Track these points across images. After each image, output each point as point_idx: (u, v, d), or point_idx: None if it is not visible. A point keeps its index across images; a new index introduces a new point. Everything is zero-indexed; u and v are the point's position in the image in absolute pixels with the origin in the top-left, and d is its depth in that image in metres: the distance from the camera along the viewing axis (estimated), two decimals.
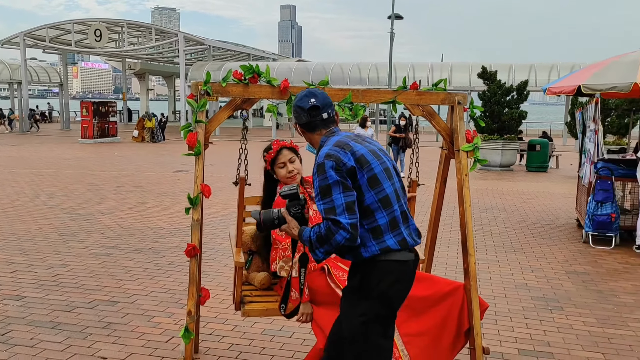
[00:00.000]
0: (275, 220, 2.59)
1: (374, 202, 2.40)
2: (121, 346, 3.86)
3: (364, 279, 2.42)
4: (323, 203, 2.34)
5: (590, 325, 4.46)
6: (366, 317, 2.40)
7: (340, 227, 2.28)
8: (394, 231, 2.43)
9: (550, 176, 14.91)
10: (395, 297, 2.45)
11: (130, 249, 6.44)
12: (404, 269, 2.44)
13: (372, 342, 2.42)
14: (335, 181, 2.33)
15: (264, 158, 3.29)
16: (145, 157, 17.57)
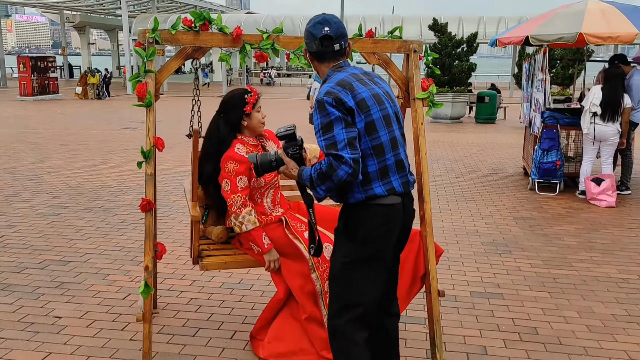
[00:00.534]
0: (272, 163, 2.54)
1: (367, 149, 2.37)
2: (76, 305, 3.79)
3: (347, 223, 2.43)
4: (324, 139, 2.29)
5: (537, 267, 4.68)
6: (349, 258, 2.42)
7: (343, 162, 2.24)
8: (384, 179, 2.40)
9: (498, 127, 15.29)
10: (379, 239, 2.42)
11: (79, 208, 6.25)
12: (388, 211, 2.41)
13: (355, 282, 2.42)
14: (338, 117, 2.28)
15: (246, 100, 3.15)
16: (90, 115, 16.90)
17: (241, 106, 3.15)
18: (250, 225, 3.05)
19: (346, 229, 2.43)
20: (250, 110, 3.16)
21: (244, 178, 3.08)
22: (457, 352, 3.26)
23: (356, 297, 2.43)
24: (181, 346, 3.27)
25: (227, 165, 3.06)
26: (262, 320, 3.21)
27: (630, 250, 5.10)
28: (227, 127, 3.19)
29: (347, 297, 2.44)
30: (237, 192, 3.06)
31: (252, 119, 3.18)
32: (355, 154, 2.27)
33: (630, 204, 6.82)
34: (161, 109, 17.79)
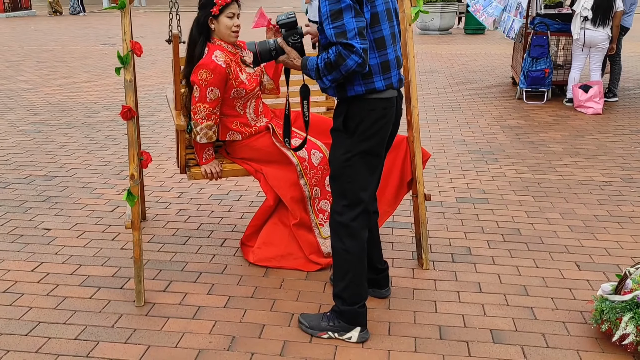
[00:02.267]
0: (272, 52, 2.44)
1: (370, 41, 2.32)
2: (65, 217, 3.79)
3: (347, 118, 2.40)
4: (333, 27, 2.20)
5: (522, 172, 4.73)
6: (350, 154, 2.40)
7: (353, 52, 2.18)
8: (385, 74, 2.38)
9: (487, 38, 14.96)
10: (377, 133, 2.42)
11: (61, 125, 6.13)
12: (386, 105, 2.41)
13: (356, 177, 2.43)
14: (348, 5, 2.19)
15: (213, 1, 2.94)
16: (66, 31, 16.23)
17: (209, 5, 2.95)
18: (205, 140, 3.04)
19: (345, 124, 2.41)
20: (216, 12, 2.95)
21: (215, 90, 2.97)
22: (442, 254, 3.34)
23: (358, 193, 2.44)
24: (172, 254, 3.32)
25: (200, 73, 2.94)
26: (252, 227, 3.24)
27: (615, 155, 5.16)
28: (197, 27, 3.03)
29: (350, 194, 2.44)
30: (205, 103, 2.98)
31: (220, 23, 2.98)
32: (365, 43, 2.21)
33: (617, 110, 6.82)
34: (140, 25, 17.15)
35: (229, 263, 3.23)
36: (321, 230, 3.14)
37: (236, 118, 3.15)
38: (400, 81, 2.51)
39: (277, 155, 3.13)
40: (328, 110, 3.82)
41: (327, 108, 3.83)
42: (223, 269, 3.16)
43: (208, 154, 3.14)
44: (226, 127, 3.15)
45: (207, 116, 3.00)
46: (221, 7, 2.95)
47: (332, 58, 2.22)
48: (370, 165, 2.45)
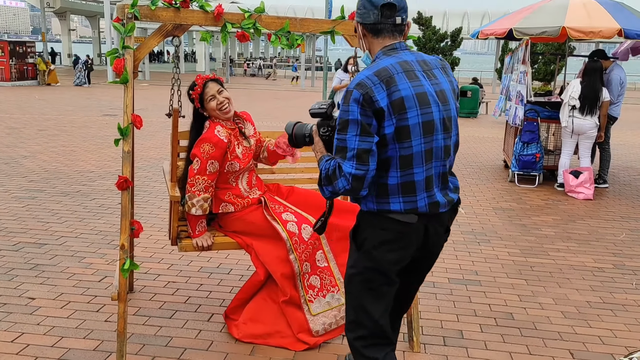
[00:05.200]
0: (306, 138, 2.29)
1: (394, 158, 2.00)
2: (50, 287, 3.72)
3: (357, 229, 2.15)
4: (337, 138, 2.00)
5: (514, 255, 4.72)
6: (355, 270, 2.15)
7: (342, 175, 1.97)
8: (406, 195, 2.03)
9: (480, 121, 15.39)
10: (387, 257, 2.07)
11: (56, 192, 6.15)
12: (403, 229, 2.05)
13: (359, 298, 2.16)
14: (355, 120, 1.93)
15: (191, 97, 3.18)
16: (70, 101, 16.63)
17: (193, 101, 3.19)
18: (200, 212, 3.07)
19: (354, 235, 2.16)
20: (198, 105, 3.18)
21: (215, 163, 3.05)
22: (434, 336, 3.27)
23: (361, 315, 2.16)
24: (157, 328, 3.24)
25: (203, 146, 3.03)
26: (238, 300, 3.19)
27: (606, 241, 5.18)
28: (194, 116, 3.24)
29: (355, 313, 2.18)
30: (204, 175, 3.04)
31: (208, 110, 3.16)
32: (361, 169, 1.94)
33: (608, 196, 6.92)
34: (143, 97, 17.61)
35: (215, 339, 3.14)
36: (310, 307, 3.09)
37: (229, 190, 3.19)
38: (436, 205, 2.08)
39: (268, 230, 3.13)
40: None
41: None
42: (209, 345, 3.07)
43: (201, 226, 3.14)
44: (219, 199, 3.18)
45: (205, 188, 3.04)
46: (199, 99, 3.15)
47: (330, 171, 2.01)
48: (373, 289, 2.13)
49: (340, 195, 2.10)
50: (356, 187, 1.97)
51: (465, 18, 27.22)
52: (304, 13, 28.86)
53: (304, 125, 2.30)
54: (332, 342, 3.12)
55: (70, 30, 43.14)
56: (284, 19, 3.09)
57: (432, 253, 2.21)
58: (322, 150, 2.19)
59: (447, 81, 2.11)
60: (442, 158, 2.08)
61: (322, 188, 2.08)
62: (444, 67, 2.16)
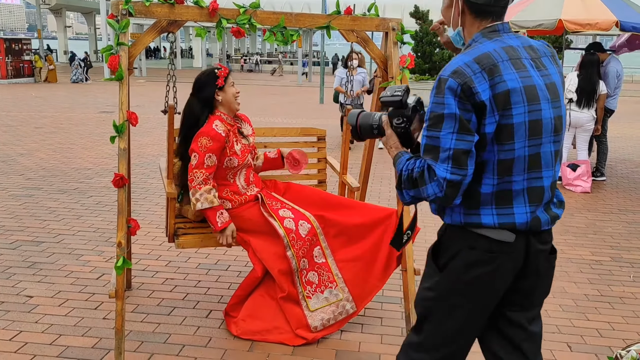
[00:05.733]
0: (374, 130, 1.94)
1: (490, 162, 1.68)
2: (48, 284, 3.72)
3: (439, 246, 1.83)
4: (427, 135, 1.69)
5: None
6: (433, 293, 1.81)
7: (434, 179, 1.66)
8: (501, 207, 1.71)
9: None
10: (477, 283, 1.73)
11: (53, 190, 6.13)
12: (496, 248, 1.71)
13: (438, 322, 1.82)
14: (452, 114, 1.63)
15: (216, 75, 3.12)
16: (66, 98, 16.58)
17: (213, 80, 3.12)
18: (206, 204, 3.02)
19: (435, 254, 1.84)
20: (222, 84, 3.13)
21: (213, 156, 3.04)
22: None
23: (437, 340, 1.83)
24: (155, 325, 3.24)
25: (201, 140, 3.02)
26: (237, 298, 3.19)
27: (604, 234, 5.19)
28: (200, 104, 3.15)
29: (426, 336, 1.85)
30: (202, 169, 3.02)
31: (226, 92, 3.15)
32: (457, 174, 1.64)
33: (605, 189, 6.92)
34: (139, 93, 17.56)
35: (213, 335, 3.14)
36: (308, 303, 3.09)
37: (227, 186, 3.18)
38: (537, 221, 1.73)
39: (265, 226, 3.13)
40: (320, 183, 3.86)
41: (318, 181, 3.87)
42: (207, 341, 3.07)
43: (222, 217, 3.06)
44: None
45: (204, 181, 3.03)
46: (225, 77, 3.12)
47: (415, 173, 1.71)
48: (459, 317, 1.79)
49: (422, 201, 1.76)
50: (450, 195, 1.65)
51: None
52: (300, 7, 28.73)
53: (370, 115, 1.97)
54: (330, 338, 3.13)
55: (66, 27, 42.97)
56: (280, 14, 3.08)
57: (539, 278, 1.81)
58: (397, 145, 1.85)
59: (557, 72, 1.78)
60: (549, 166, 1.74)
61: (401, 192, 1.77)
62: (553, 55, 1.82)
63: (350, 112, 2.02)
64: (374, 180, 6.93)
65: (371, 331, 3.24)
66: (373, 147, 3.80)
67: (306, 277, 3.09)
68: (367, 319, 3.37)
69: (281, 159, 3.46)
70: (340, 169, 3.77)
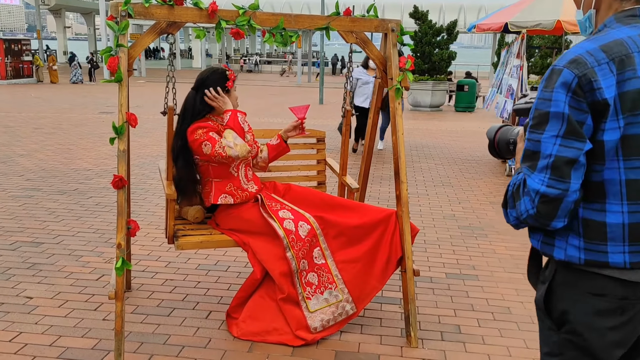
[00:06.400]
0: (510, 146, 1.68)
1: (616, 182, 1.36)
2: (48, 286, 3.72)
3: (548, 295, 1.48)
4: (529, 138, 1.41)
5: (511, 249, 4.73)
6: (548, 350, 1.51)
7: (526, 193, 1.38)
8: (636, 244, 1.38)
9: (477, 115, 15.40)
10: (603, 344, 1.42)
11: (53, 191, 6.13)
12: (627, 295, 1.39)
13: None
14: (559, 113, 1.33)
15: (227, 77, 3.17)
16: (66, 99, 16.58)
17: (223, 81, 3.16)
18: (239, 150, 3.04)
19: (546, 304, 1.48)
20: (232, 86, 3.19)
21: (214, 134, 3.08)
22: (432, 331, 3.28)
23: None
24: (155, 325, 3.24)
25: (197, 132, 3.08)
26: (238, 299, 3.19)
27: None
28: (204, 102, 3.15)
29: None
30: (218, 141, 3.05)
31: (231, 96, 3.20)
32: (556, 187, 1.33)
33: None
34: (139, 94, 17.56)
35: (213, 337, 3.14)
36: (308, 304, 3.09)
37: (230, 181, 3.19)
38: None
39: (264, 227, 3.13)
40: (319, 185, 3.86)
41: (318, 182, 3.88)
42: (207, 342, 3.08)
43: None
44: (219, 190, 3.20)
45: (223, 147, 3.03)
46: (234, 81, 3.20)
47: (514, 186, 1.44)
48: None
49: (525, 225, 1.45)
50: (544, 214, 1.35)
51: (461, 12, 27.23)
52: (300, 7, 28.79)
53: (509, 129, 1.71)
54: (330, 339, 3.13)
55: (66, 27, 42.99)
56: (279, 15, 3.09)
57: None
58: None
59: None
60: None
61: (506, 209, 1.49)
62: None
63: (490, 127, 1.77)
64: (374, 181, 6.94)
65: (371, 332, 3.24)
66: (372, 148, 3.80)
67: (306, 278, 3.10)
68: (366, 320, 3.37)
69: (283, 141, 3.43)
70: (339, 170, 3.77)
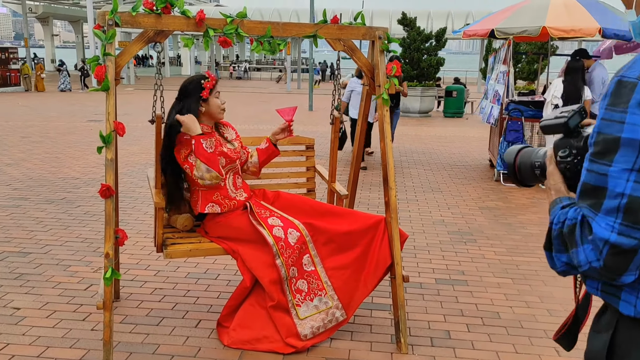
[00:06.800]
0: (535, 170, 1.41)
1: None
2: (35, 296, 3.69)
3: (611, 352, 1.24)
4: (588, 169, 1.14)
5: (500, 254, 4.76)
6: None
7: (588, 239, 1.12)
8: None
9: (465, 121, 15.50)
10: None
11: (40, 200, 6.09)
12: None
13: None
14: (634, 141, 1.07)
15: (203, 85, 3.11)
16: (54, 107, 16.48)
17: (198, 91, 3.12)
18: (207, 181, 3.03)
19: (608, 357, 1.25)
20: (207, 96, 3.13)
21: (192, 157, 3.06)
22: (422, 337, 3.29)
23: None
24: (144, 335, 3.22)
25: (180, 152, 3.09)
26: (228, 308, 3.18)
27: None
28: (185, 111, 3.13)
29: None
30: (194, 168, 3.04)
31: (210, 105, 3.15)
32: (631, 236, 1.08)
33: None
34: (128, 101, 17.49)
35: (202, 345, 3.13)
36: (298, 311, 3.09)
37: (217, 190, 3.18)
38: None
39: (254, 235, 3.13)
40: (308, 192, 3.87)
41: (307, 189, 3.88)
42: (196, 352, 3.06)
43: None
44: (206, 199, 3.19)
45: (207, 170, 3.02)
46: (210, 89, 3.11)
47: (565, 226, 1.19)
48: None
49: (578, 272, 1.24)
50: (613, 267, 1.11)
51: (449, 18, 27.45)
52: (288, 15, 28.88)
53: (532, 151, 1.44)
54: (320, 346, 3.13)
55: (54, 35, 42.78)
56: (266, 24, 3.10)
57: None
58: (558, 186, 1.30)
59: None
60: None
61: (550, 255, 1.26)
62: None
63: (510, 149, 1.51)
64: (363, 187, 6.96)
65: (360, 339, 3.24)
66: (361, 154, 3.82)
67: (295, 286, 3.09)
68: (356, 327, 3.37)
69: (272, 144, 3.42)
70: (329, 177, 3.78)
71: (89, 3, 26.92)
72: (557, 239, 1.21)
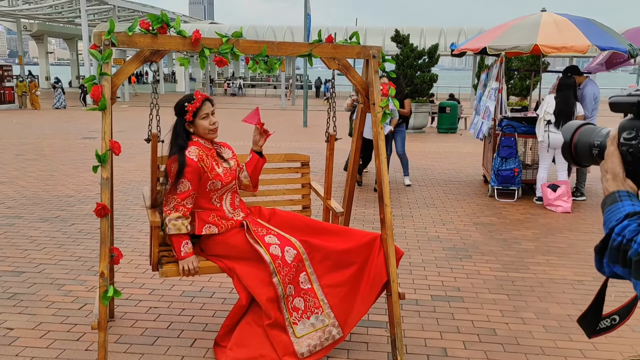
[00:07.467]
0: (593, 150, 1.29)
1: None
2: (29, 316, 3.66)
3: None
4: None
5: (495, 270, 4.76)
6: None
7: None
8: None
9: (459, 137, 15.57)
10: None
11: (34, 219, 6.06)
12: None
13: None
14: None
15: (185, 109, 3.11)
16: (48, 125, 16.46)
17: (183, 114, 3.14)
18: (173, 230, 3.04)
19: None
20: (190, 119, 3.12)
21: (186, 182, 3.05)
22: (418, 355, 3.28)
23: None
24: (139, 355, 3.19)
25: (172, 166, 3.06)
26: (225, 327, 3.16)
27: (585, 254, 5.25)
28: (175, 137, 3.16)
29: None
30: (174, 194, 3.06)
31: (197, 126, 3.14)
32: None
33: (585, 209, 7.03)
34: (123, 119, 17.51)
35: None
36: (295, 330, 3.07)
37: (213, 211, 3.18)
38: None
39: (250, 253, 3.13)
40: (304, 209, 3.87)
41: (302, 206, 3.89)
42: None
43: (186, 247, 3.09)
44: (203, 221, 3.17)
45: (175, 207, 3.04)
46: (193, 113, 3.11)
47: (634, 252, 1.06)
48: None
49: None
50: None
51: (442, 35, 27.73)
52: (283, 33, 29.11)
53: (594, 130, 1.32)
54: None
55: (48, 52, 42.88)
56: (262, 43, 3.13)
57: None
58: (616, 172, 1.18)
59: None
60: None
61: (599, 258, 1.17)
62: None
63: (569, 123, 1.38)
64: (359, 203, 6.97)
65: (357, 356, 3.23)
66: (355, 170, 3.83)
67: (292, 304, 3.08)
68: (353, 344, 3.36)
69: (255, 153, 3.37)
70: (324, 194, 3.79)
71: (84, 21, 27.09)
72: (616, 250, 1.10)
